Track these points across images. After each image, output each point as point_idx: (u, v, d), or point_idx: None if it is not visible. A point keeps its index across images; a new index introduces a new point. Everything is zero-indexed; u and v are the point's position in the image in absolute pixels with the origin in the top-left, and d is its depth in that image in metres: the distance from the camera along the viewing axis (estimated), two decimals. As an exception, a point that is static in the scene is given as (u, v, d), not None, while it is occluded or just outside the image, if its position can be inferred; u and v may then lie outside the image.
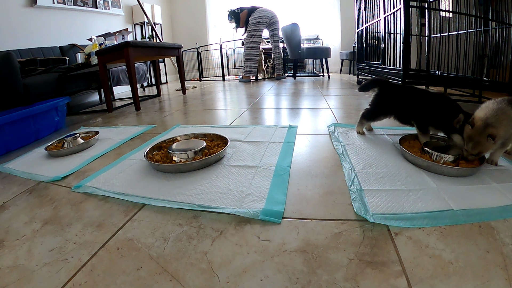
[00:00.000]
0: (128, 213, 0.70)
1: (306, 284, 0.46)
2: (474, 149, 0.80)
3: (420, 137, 1.01)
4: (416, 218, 0.60)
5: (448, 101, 0.95)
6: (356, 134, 1.21)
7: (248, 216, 0.64)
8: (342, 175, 0.84)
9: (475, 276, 0.45)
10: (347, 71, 4.87)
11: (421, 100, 1.01)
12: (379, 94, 1.15)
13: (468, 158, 0.83)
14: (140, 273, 0.50)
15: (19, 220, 0.72)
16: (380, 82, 1.16)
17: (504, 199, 0.67)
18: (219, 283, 0.47)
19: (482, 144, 0.79)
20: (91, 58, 2.25)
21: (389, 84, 1.15)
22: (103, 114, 2.21)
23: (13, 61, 1.84)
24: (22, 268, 0.54)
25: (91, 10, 3.39)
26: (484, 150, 0.81)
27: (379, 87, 1.15)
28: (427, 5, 2.70)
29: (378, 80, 1.19)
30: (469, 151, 0.81)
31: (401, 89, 1.13)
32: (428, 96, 1.01)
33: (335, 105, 1.97)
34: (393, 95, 1.11)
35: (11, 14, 2.54)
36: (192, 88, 3.60)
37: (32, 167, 1.11)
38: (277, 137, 1.23)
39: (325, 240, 0.56)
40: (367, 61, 3.12)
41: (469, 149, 0.81)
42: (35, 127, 1.53)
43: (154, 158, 0.99)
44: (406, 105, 1.05)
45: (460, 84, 2.05)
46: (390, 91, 1.13)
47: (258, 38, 3.94)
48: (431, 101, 0.98)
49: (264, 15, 3.86)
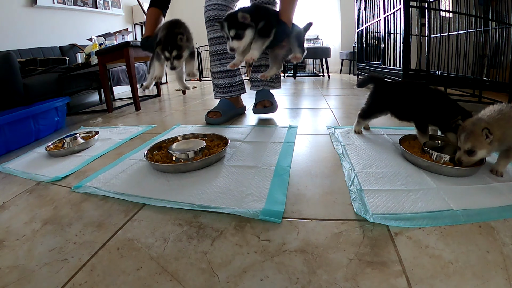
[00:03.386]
0: (128, 213, 0.70)
1: (306, 284, 0.46)
2: (466, 142, 0.75)
3: (420, 137, 1.01)
4: (416, 218, 0.60)
5: (443, 96, 0.96)
6: (356, 134, 1.21)
7: (248, 216, 0.64)
8: (342, 175, 0.84)
9: (475, 276, 0.45)
10: (347, 71, 4.87)
11: (417, 94, 1.02)
12: (374, 91, 1.17)
13: (461, 159, 0.76)
14: (140, 273, 0.50)
15: (19, 220, 0.72)
16: (375, 79, 1.18)
17: (504, 199, 0.66)
18: (219, 283, 0.47)
19: (476, 137, 0.73)
20: (91, 58, 2.25)
21: (383, 81, 1.17)
22: (103, 114, 2.21)
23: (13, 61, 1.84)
24: (22, 268, 0.54)
25: (91, 10, 3.39)
26: (477, 146, 0.74)
27: (373, 85, 1.17)
28: (427, 5, 2.70)
29: (374, 76, 1.20)
30: (461, 146, 0.76)
31: (396, 85, 1.15)
32: (424, 90, 1.02)
33: (335, 105, 1.97)
34: (387, 92, 1.12)
35: (11, 14, 2.54)
36: (192, 88, 3.60)
37: (32, 167, 1.11)
38: (277, 137, 1.23)
39: (325, 240, 0.56)
40: (367, 61, 3.12)
41: (461, 142, 0.76)
42: (35, 127, 1.53)
43: (154, 158, 0.99)
44: (402, 100, 1.06)
45: (460, 84, 2.05)
46: (384, 87, 1.14)
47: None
48: (427, 95, 0.99)
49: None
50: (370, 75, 1.21)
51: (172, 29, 1.13)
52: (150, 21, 1.40)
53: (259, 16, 1.06)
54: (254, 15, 1.05)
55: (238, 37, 1.01)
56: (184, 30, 1.18)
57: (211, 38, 1.54)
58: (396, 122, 1.14)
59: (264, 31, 1.08)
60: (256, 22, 1.05)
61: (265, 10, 1.13)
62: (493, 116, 0.75)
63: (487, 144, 0.73)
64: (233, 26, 1.00)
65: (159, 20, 1.40)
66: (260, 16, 1.07)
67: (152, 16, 1.39)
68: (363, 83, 1.22)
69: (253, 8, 1.11)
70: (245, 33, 1.01)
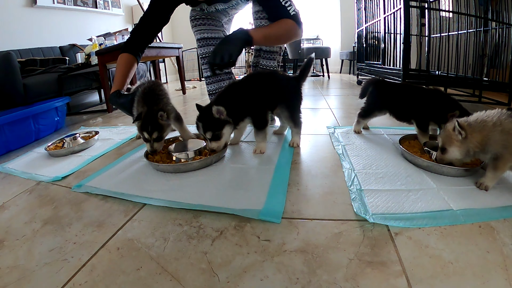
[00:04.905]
0: (128, 213, 0.70)
1: (306, 284, 0.46)
2: (439, 139, 0.74)
3: (420, 137, 1.01)
4: (416, 218, 0.60)
5: (442, 95, 0.97)
6: (356, 134, 1.21)
7: (248, 216, 0.64)
8: (342, 175, 0.84)
9: (475, 276, 0.45)
10: (347, 71, 4.87)
11: (416, 94, 1.03)
12: (373, 91, 1.18)
13: (437, 157, 0.78)
14: (140, 273, 0.50)
15: (19, 220, 0.72)
16: (375, 81, 1.20)
17: (504, 199, 0.67)
18: (219, 283, 0.47)
19: (447, 135, 0.72)
20: (91, 58, 2.25)
21: (382, 81, 1.18)
22: (103, 114, 2.21)
23: (13, 61, 1.84)
24: (22, 268, 0.54)
25: (91, 10, 3.39)
26: (447, 143, 0.73)
27: (373, 86, 1.18)
28: (427, 5, 2.70)
29: (371, 80, 1.22)
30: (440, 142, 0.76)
31: (395, 85, 1.16)
32: (422, 91, 1.03)
33: (335, 105, 1.97)
34: (386, 91, 1.14)
35: (11, 14, 2.54)
36: (192, 88, 3.60)
37: (32, 167, 1.11)
38: (277, 137, 1.23)
39: (325, 240, 0.56)
40: (367, 61, 3.12)
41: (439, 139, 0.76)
42: (35, 127, 1.53)
43: (154, 158, 0.99)
44: (400, 100, 1.07)
45: (460, 84, 2.05)
46: (383, 87, 1.15)
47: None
48: (428, 93, 1.00)
49: None
50: (368, 81, 1.22)
51: (151, 104, 1.01)
52: (121, 70, 1.22)
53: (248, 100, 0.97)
54: (239, 97, 0.96)
55: (216, 138, 0.92)
56: (164, 101, 1.06)
57: (199, 39, 1.37)
58: (396, 122, 1.14)
59: (260, 124, 1.02)
60: (239, 109, 0.96)
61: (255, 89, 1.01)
62: (480, 119, 0.70)
63: (458, 143, 0.71)
64: (208, 128, 0.91)
65: (132, 68, 1.25)
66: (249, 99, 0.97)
67: (123, 65, 1.22)
68: (364, 91, 1.21)
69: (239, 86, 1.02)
70: (222, 132, 0.92)
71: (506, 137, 0.65)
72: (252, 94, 0.99)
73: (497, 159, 0.68)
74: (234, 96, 0.97)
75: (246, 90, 1.00)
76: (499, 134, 0.66)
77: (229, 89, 1.02)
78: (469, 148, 0.71)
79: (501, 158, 0.67)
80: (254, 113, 1.00)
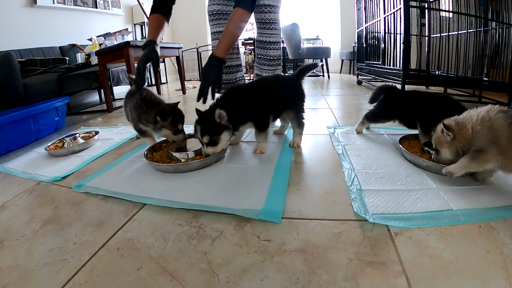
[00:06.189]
0: (128, 213, 0.70)
1: (306, 284, 0.46)
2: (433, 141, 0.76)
3: (421, 136, 1.01)
4: (416, 218, 0.60)
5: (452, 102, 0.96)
6: (356, 134, 1.21)
7: (248, 216, 0.64)
8: (342, 175, 0.84)
9: (475, 276, 0.45)
10: (347, 71, 4.87)
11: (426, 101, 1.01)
12: (384, 98, 1.15)
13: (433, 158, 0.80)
14: (140, 273, 0.50)
15: (19, 220, 0.72)
16: (387, 88, 1.16)
17: (504, 199, 0.66)
18: (219, 283, 0.47)
19: (437, 136, 0.74)
20: (91, 58, 2.25)
21: (394, 89, 1.14)
22: (103, 114, 2.21)
23: (13, 61, 1.84)
24: (22, 268, 0.54)
25: (91, 10, 3.39)
26: (438, 144, 0.75)
27: (385, 92, 1.15)
28: (427, 5, 2.70)
29: (384, 87, 1.18)
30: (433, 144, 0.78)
31: (407, 94, 1.13)
32: (434, 98, 1.01)
33: (335, 105, 1.96)
34: (398, 100, 1.10)
35: (11, 14, 2.54)
36: (192, 88, 3.60)
37: (32, 167, 1.11)
38: (277, 137, 1.23)
39: (325, 240, 0.56)
40: (367, 61, 3.12)
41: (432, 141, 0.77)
42: (35, 127, 1.53)
43: (154, 158, 0.99)
44: (412, 109, 1.04)
45: (460, 84, 2.05)
46: (395, 96, 1.12)
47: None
48: (437, 102, 0.98)
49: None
50: (380, 87, 1.19)
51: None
52: (153, 25, 1.28)
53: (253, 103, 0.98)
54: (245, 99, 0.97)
55: (213, 143, 0.90)
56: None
57: (213, 33, 1.47)
58: (396, 122, 1.13)
59: (262, 127, 1.02)
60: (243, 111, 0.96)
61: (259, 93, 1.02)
62: (468, 115, 0.71)
63: (448, 144, 0.72)
64: (206, 132, 0.89)
65: (163, 26, 1.30)
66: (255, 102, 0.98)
67: (155, 21, 1.28)
68: (375, 97, 1.19)
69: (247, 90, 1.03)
70: (220, 137, 0.90)
71: (495, 133, 0.64)
72: (259, 102, 0.99)
73: (479, 151, 0.66)
74: (238, 102, 0.96)
75: (252, 98, 0.99)
76: (487, 129, 0.65)
77: (233, 94, 1.01)
78: (458, 148, 0.71)
79: (483, 152, 0.65)
80: (258, 118, 1.01)
